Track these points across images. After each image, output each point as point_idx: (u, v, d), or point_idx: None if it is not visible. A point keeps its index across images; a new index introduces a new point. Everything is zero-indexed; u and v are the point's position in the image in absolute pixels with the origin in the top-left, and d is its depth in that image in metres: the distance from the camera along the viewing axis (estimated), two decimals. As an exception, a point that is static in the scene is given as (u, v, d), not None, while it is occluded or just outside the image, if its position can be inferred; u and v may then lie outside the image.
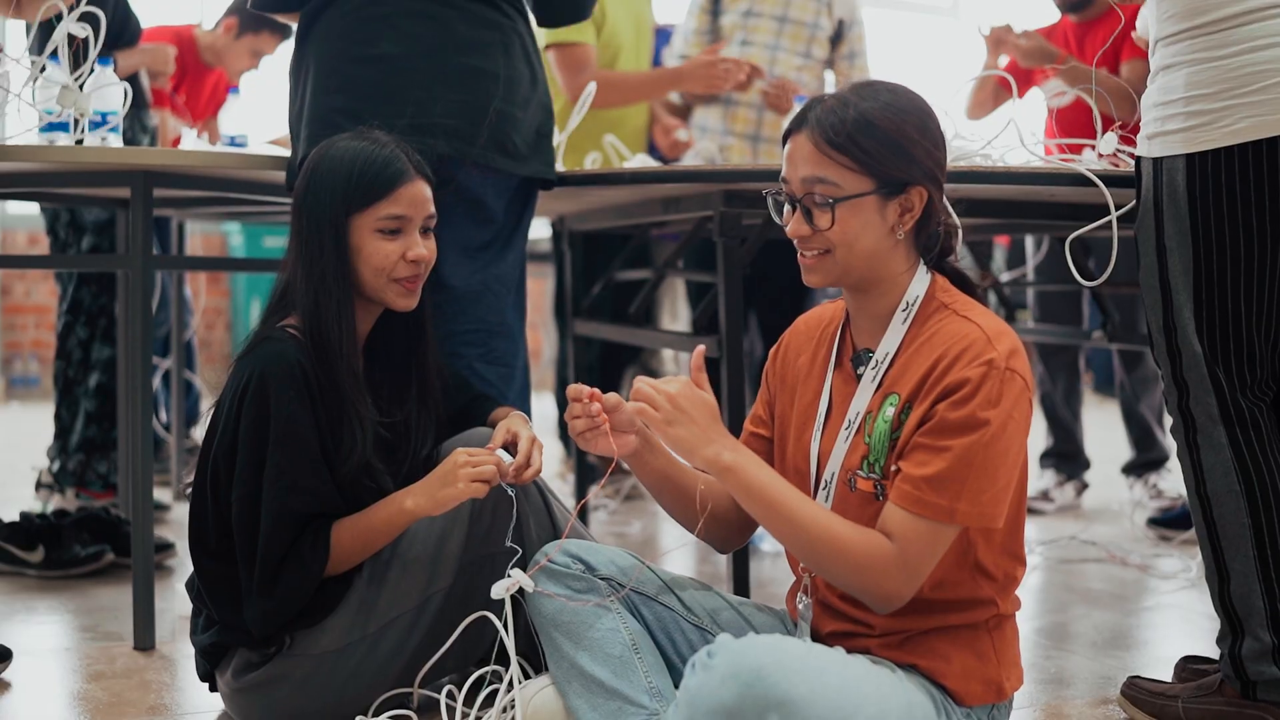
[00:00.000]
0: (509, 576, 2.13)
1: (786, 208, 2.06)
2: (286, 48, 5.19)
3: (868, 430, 2.01)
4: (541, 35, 4.56)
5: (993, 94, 4.70)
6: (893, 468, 1.96)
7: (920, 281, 2.05)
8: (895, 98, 2.02)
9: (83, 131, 2.94)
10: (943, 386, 1.92)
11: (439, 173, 2.59)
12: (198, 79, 5.23)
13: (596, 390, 2.08)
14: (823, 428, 2.10)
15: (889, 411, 1.99)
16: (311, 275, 2.32)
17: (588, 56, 4.36)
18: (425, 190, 2.39)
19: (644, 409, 1.98)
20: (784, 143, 2.07)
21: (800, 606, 2.11)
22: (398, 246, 2.34)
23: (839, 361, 2.13)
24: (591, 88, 3.42)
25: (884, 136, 1.98)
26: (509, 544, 2.24)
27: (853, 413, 2.04)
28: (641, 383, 2.01)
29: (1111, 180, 2.77)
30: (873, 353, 2.06)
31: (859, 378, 2.07)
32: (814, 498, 2.07)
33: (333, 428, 2.28)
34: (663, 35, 5.16)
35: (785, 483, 1.99)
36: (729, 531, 2.25)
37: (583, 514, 4.08)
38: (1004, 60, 4.58)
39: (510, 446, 2.34)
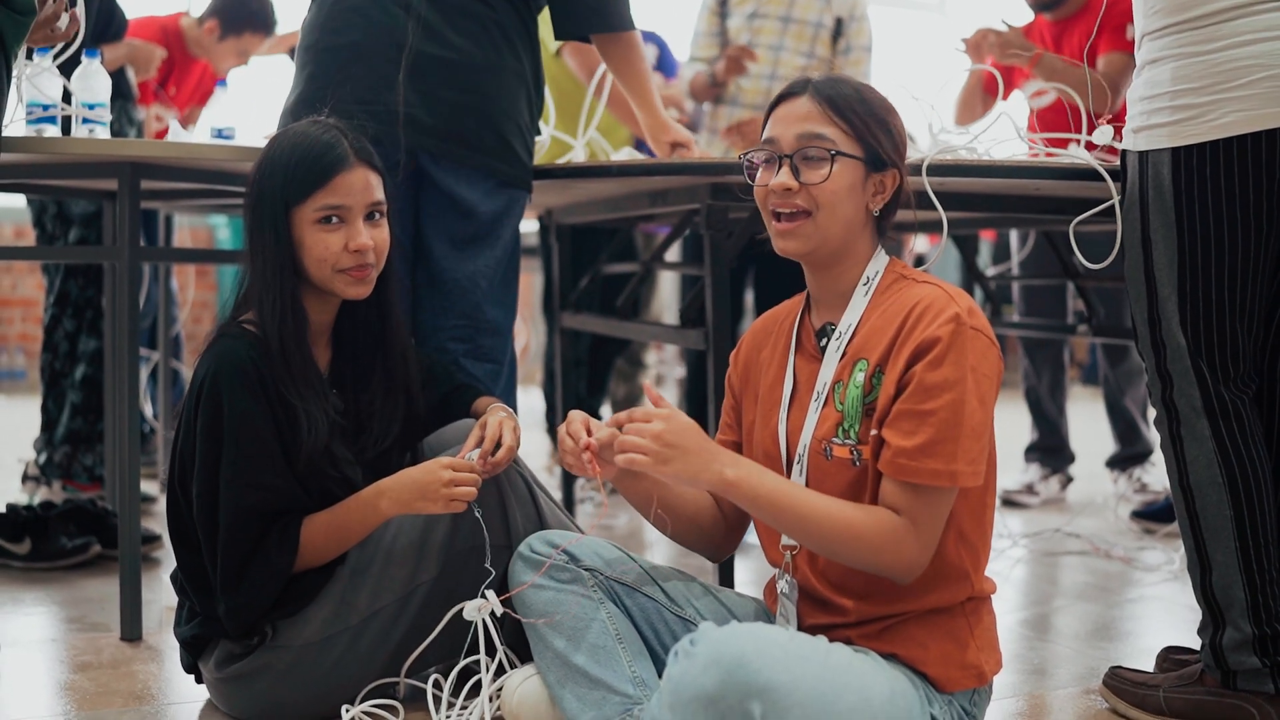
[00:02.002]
0: (483, 597, 2.15)
1: (764, 168, 2.10)
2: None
3: (839, 398, 2.04)
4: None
5: (980, 98, 4.72)
6: (873, 432, 1.99)
7: (879, 259, 2.12)
8: (876, 88, 2.13)
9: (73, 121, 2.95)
10: (913, 346, 1.96)
11: (414, 164, 2.60)
12: (184, 69, 5.23)
13: (592, 443, 2.08)
14: (788, 407, 2.13)
15: (859, 377, 2.02)
16: (257, 269, 2.32)
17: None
18: (367, 177, 2.34)
19: (633, 459, 1.97)
20: (773, 109, 2.12)
21: (783, 585, 2.12)
22: (339, 237, 2.30)
23: (800, 344, 2.16)
24: (601, 70, 3.43)
25: (876, 113, 2.08)
26: (487, 565, 2.26)
27: (820, 383, 2.07)
28: (627, 434, 2.00)
29: (1097, 175, 2.78)
30: (835, 325, 2.09)
31: (822, 351, 2.10)
32: (787, 474, 2.09)
33: (289, 420, 2.28)
34: (656, 40, 5.18)
35: (788, 483, 2.01)
36: (717, 541, 2.28)
37: (569, 506, 4.09)
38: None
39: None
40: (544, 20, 3.00)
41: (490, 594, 2.15)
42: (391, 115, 2.68)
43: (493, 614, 2.15)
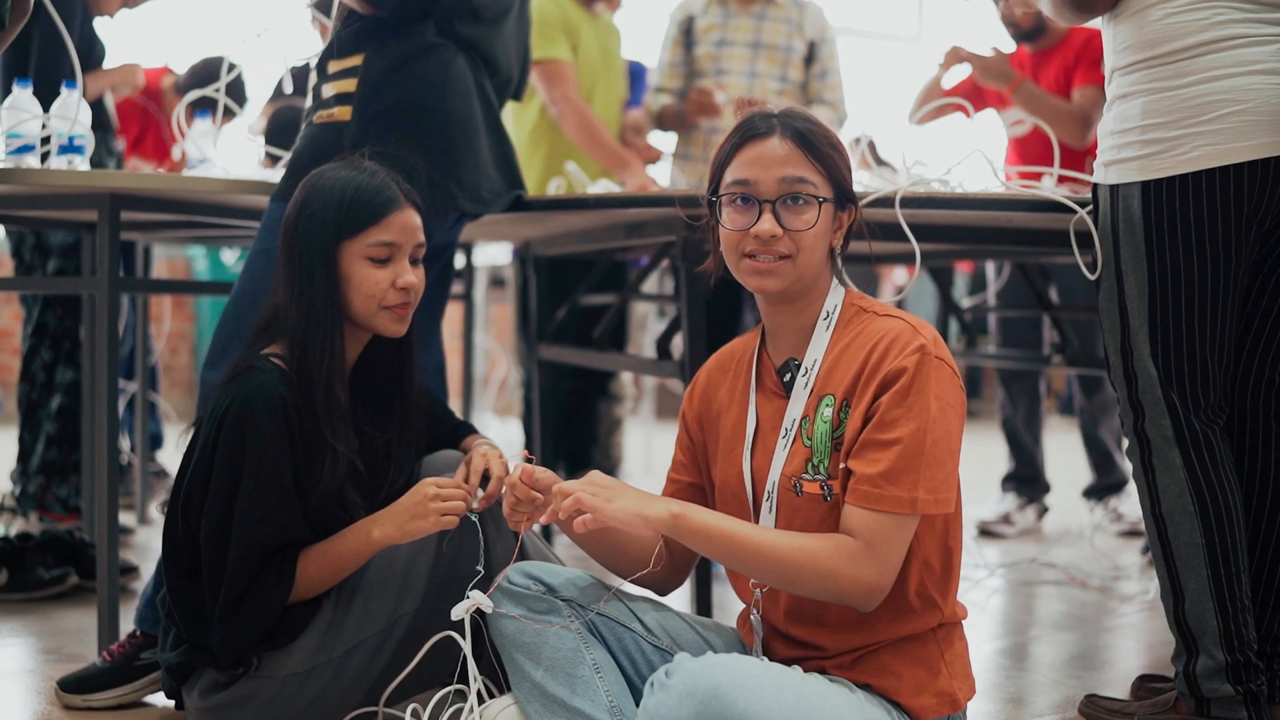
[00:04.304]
0: (468, 598, 2.15)
1: (737, 210, 2.08)
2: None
3: (806, 434, 2.04)
4: None
5: (938, 107, 4.72)
6: (841, 466, 2.00)
7: (836, 292, 2.12)
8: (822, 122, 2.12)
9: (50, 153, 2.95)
10: (880, 378, 1.97)
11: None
12: (161, 125, 5.27)
13: (527, 469, 2.10)
14: (752, 446, 2.13)
15: (826, 412, 2.03)
16: (301, 302, 2.32)
17: (569, 72, 4.45)
18: (415, 218, 2.39)
19: (580, 503, 1.97)
20: (740, 146, 2.09)
21: (753, 619, 2.14)
22: (388, 274, 2.34)
23: (760, 381, 2.17)
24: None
25: (841, 153, 2.09)
26: (478, 567, 2.26)
27: (789, 420, 2.07)
28: (559, 489, 2.01)
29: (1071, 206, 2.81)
30: (798, 361, 2.10)
31: (787, 388, 2.11)
32: (756, 513, 2.10)
33: (309, 456, 2.29)
34: (635, 71, 5.21)
35: (732, 518, 2.01)
36: (666, 575, 2.28)
37: (546, 536, 4.10)
38: (955, 77, 4.65)
39: (483, 477, 2.36)
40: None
41: (476, 593, 2.14)
42: (484, 197, 2.87)
43: (478, 619, 2.15)
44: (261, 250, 2.70)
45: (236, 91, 5.26)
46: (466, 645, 2.14)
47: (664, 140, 4.97)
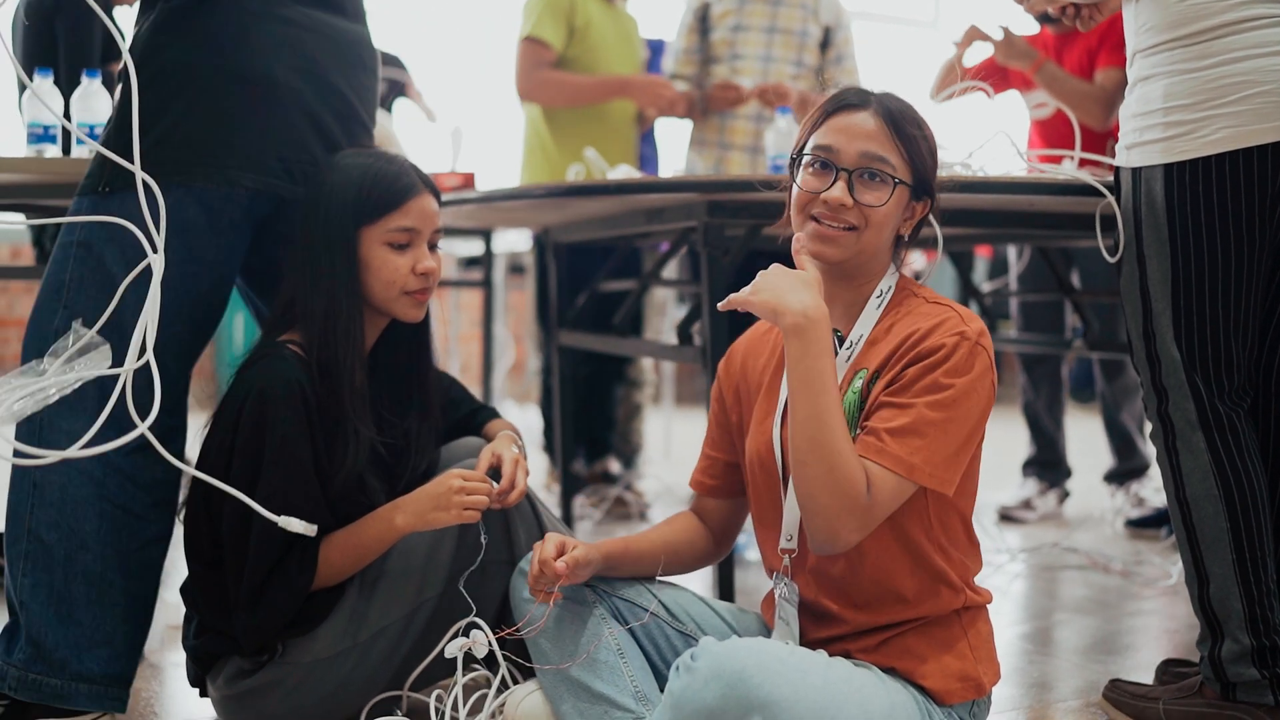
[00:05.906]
0: (466, 637, 2.16)
1: (814, 173, 2.08)
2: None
3: None
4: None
5: (959, 83, 4.68)
6: (858, 431, 2.00)
7: (892, 275, 2.13)
8: (919, 110, 2.13)
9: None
10: (914, 353, 1.98)
11: None
12: None
13: (561, 568, 2.08)
14: (783, 415, 2.12)
15: (858, 384, 2.03)
16: (320, 288, 2.33)
17: (548, 57, 4.50)
18: (433, 204, 2.40)
19: (731, 300, 2.00)
20: (831, 114, 2.10)
21: (782, 589, 2.12)
22: (407, 260, 2.36)
23: None
24: None
25: (930, 144, 2.10)
26: (473, 617, 2.25)
27: None
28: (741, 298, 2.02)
29: (1093, 191, 2.80)
30: (843, 335, 2.10)
31: None
32: (785, 484, 2.08)
33: (329, 443, 2.30)
34: (654, 47, 5.20)
35: (835, 378, 1.95)
36: (706, 547, 2.33)
37: (569, 524, 4.10)
38: (975, 57, 4.62)
39: (496, 469, 2.36)
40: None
41: (476, 633, 2.16)
42: None
43: (500, 610, 2.16)
44: (65, 244, 2.36)
45: None
46: (458, 680, 2.16)
47: (679, 127, 4.97)
